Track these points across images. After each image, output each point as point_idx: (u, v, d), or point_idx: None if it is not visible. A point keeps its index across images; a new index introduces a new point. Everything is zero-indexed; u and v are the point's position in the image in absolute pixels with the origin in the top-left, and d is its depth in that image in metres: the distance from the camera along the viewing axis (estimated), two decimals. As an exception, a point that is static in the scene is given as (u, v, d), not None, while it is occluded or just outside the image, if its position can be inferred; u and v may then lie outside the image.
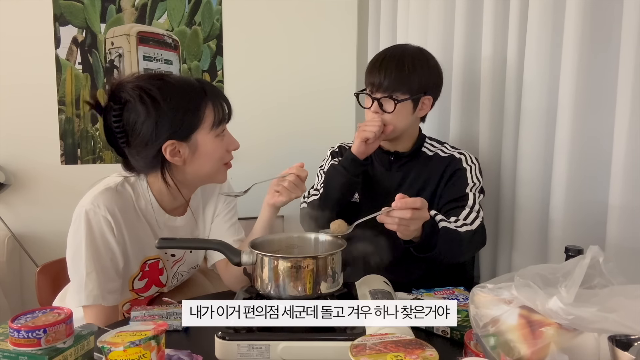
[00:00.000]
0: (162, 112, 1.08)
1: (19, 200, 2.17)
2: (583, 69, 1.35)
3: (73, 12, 2.16)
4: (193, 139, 1.12)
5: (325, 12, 2.34)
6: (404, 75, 1.34)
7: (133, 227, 1.17)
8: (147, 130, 1.09)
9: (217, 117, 1.14)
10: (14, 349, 0.77)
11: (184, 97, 1.11)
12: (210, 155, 1.15)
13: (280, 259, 0.92)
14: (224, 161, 1.20)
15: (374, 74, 1.37)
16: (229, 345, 0.86)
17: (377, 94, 1.37)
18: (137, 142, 1.11)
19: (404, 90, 1.35)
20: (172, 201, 1.23)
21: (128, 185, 1.18)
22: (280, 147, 2.30)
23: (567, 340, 0.70)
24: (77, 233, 1.11)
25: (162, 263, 1.26)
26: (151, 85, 1.09)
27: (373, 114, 1.38)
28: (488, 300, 0.78)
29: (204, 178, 1.21)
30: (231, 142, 1.20)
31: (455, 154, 1.45)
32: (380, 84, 1.36)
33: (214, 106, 1.14)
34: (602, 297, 0.70)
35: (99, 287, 1.11)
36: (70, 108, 2.20)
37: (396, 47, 1.46)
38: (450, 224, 1.29)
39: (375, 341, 0.73)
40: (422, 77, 1.37)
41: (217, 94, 1.17)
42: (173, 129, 1.09)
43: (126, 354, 0.70)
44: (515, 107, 1.57)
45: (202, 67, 2.28)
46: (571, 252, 0.90)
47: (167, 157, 1.11)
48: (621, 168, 1.28)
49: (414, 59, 1.37)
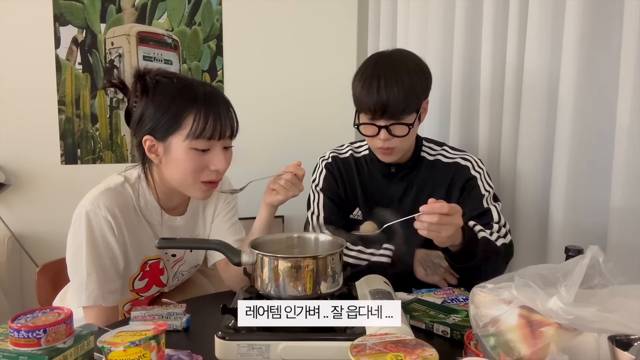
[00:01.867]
0: (149, 106, 1.11)
1: (19, 200, 2.17)
2: (583, 66, 1.35)
3: (73, 12, 2.16)
4: (168, 141, 1.10)
5: (325, 12, 2.34)
6: (407, 93, 1.23)
7: (133, 228, 1.17)
8: (135, 119, 1.13)
9: (194, 128, 1.08)
10: (14, 349, 0.77)
11: (172, 97, 1.10)
12: (180, 164, 1.10)
13: (281, 259, 0.92)
14: (200, 178, 1.13)
15: (371, 98, 1.23)
16: (229, 345, 0.86)
17: (382, 120, 1.25)
18: (132, 123, 1.15)
19: (411, 109, 1.26)
20: (170, 200, 1.23)
21: (128, 185, 1.18)
22: (279, 147, 2.30)
23: (567, 340, 0.70)
24: (78, 234, 1.11)
25: (163, 263, 1.26)
26: (156, 79, 1.12)
27: (381, 141, 1.27)
28: (488, 300, 0.78)
29: (177, 186, 1.16)
30: (215, 161, 1.12)
31: (459, 161, 1.37)
32: (385, 110, 1.23)
33: (197, 117, 1.08)
34: (602, 297, 0.70)
35: (99, 288, 1.11)
36: (70, 108, 2.20)
37: (382, 60, 1.30)
38: (489, 235, 1.24)
39: (375, 341, 0.73)
40: (421, 86, 1.28)
41: (211, 105, 1.10)
42: (153, 124, 1.10)
43: (126, 353, 0.70)
44: (515, 106, 1.57)
45: (202, 67, 2.28)
46: (571, 252, 0.90)
47: (146, 150, 1.13)
48: (622, 168, 1.28)
49: (408, 68, 1.26)
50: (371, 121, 1.27)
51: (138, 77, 1.12)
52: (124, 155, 2.26)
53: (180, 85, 1.12)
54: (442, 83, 1.85)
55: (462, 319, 0.99)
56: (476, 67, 1.72)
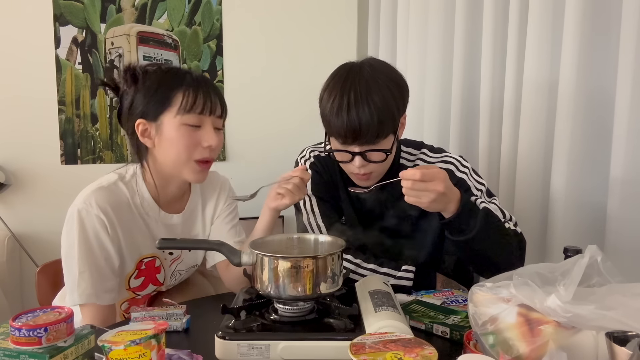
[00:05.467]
0: (138, 92, 1.15)
1: (19, 200, 2.17)
2: (582, 67, 1.35)
3: (73, 12, 2.16)
4: (160, 120, 1.14)
5: (325, 12, 2.35)
6: (381, 116, 1.11)
7: (127, 225, 1.17)
8: (127, 106, 1.16)
9: (184, 103, 1.12)
10: (15, 348, 0.77)
11: (160, 79, 1.16)
12: (173, 141, 1.13)
13: (280, 259, 0.92)
14: (193, 156, 1.14)
15: (340, 121, 1.12)
16: (229, 345, 0.86)
17: (355, 146, 1.15)
18: (122, 117, 1.18)
19: (387, 132, 1.15)
20: (166, 193, 1.23)
21: (122, 183, 1.18)
22: (279, 146, 2.30)
23: (566, 337, 0.70)
24: (70, 233, 1.11)
25: (160, 261, 1.26)
26: (145, 69, 1.18)
27: (357, 168, 1.18)
28: (487, 298, 0.78)
29: (172, 169, 1.17)
30: (207, 137, 1.14)
31: (440, 165, 1.25)
32: (357, 136, 1.12)
33: (186, 93, 1.12)
34: (600, 295, 0.70)
35: (92, 286, 1.10)
36: (70, 108, 2.20)
37: (352, 75, 1.16)
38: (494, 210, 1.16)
39: (374, 340, 0.73)
40: (396, 104, 1.15)
41: (200, 84, 1.14)
42: (144, 107, 1.14)
43: (126, 352, 0.70)
44: (515, 107, 1.57)
45: (202, 67, 2.28)
46: (570, 253, 0.90)
47: (139, 136, 1.15)
48: (620, 168, 1.28)
49: (380, 85, 1.13)
50: (343, 147, 1.17)
51: (127, 70, 1.17)
52: (124, 155, 2.27)
53: (167, 70, 1.18)
54: (442, 83, 1.85)
55: (461, 320, 0.99)
56: (476, 68, 1.72)
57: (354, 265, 1.26)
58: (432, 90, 1.90)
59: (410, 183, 1.02)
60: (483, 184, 1.28)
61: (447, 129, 1.85)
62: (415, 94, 1.25)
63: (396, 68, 1.23)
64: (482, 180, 1.29)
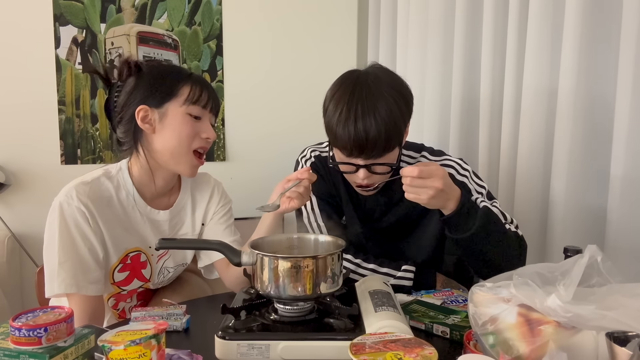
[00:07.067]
0: (142, 79, 1.19)
1: (19, 200, 2.17)
2: (582, 69, 1.36)
3: (73, 12, 2.16)
4: (164, 107, 1.18)
5: (326, 13, 2.35)
6: (388, 129, 1.11)
7: (109, 219, 1.17)
8: (124, 95, 1.19)
9: (192, 95, 1.18)
10: (15, 348, 0.77)
11: (168, 70, 1.23)
12: (176, 128, 1.17)
13: (281, 259, 0.92)
14: (193, 146, 1.20)
15: (346, 134, 1.12)
16: (229, 345, 0.86)
17: (360, 160, 1.16)
18: (118, 105, 1.20)
19: (394, 145, 1.16)
20: (151, 190, 1.23)
21: (106, 178, 1.20)
22: (279, 146, 2.31)
23: (566, 338, 0.70)
24: (52, 225, 1.12)
25: (146, 256, 1.25)
26: (148, 62, 1.23)
27: (361, 179, 1.18)
28: (487, 298, 0.78)
29: (169, 156, 1.19)
30: (206, 129, 1.21)
31: None
32: (363, 149, 1.12)
33: (193, 87, 1.19)
34: (600, 295, 0.70)
35: (73, 276, 1.10)
36: (70, 108, 2.20)
37: (360, 85, 1.15)
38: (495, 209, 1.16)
39: (374, 340, 0.73)
40: (402, 116, 1.15)
41: (202, 82, 1.22)
42: (148, 94, 1.17)
43: (126, 352, 0.70)
44: (515, 110, 1.57)
45: (202, 67, 2.28)
46: (570, 253, 0.90)
47: (139, 122, 1.17)
48: (620, 172, 1.28)
49: (386, 97, 1.12)
50: (348, 159, 1.17)
51: (128, 61, 1.20)
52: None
53: (172, 65, 1.29)
54: (443, 86, 1.85)
55: (461, 320, 0.99)
56: (476, 69, 1.72)
57: (354, 265, 1.26)
58: (432, 92, 1.90)
59: (409, 180, 1.05)
60: (484, 186, 1.28)
61: (447, 131, 1.85)
62: (416, 96, 1.22)
63: (400, 77, 1.22)
64: (482, 183, 1.29)
